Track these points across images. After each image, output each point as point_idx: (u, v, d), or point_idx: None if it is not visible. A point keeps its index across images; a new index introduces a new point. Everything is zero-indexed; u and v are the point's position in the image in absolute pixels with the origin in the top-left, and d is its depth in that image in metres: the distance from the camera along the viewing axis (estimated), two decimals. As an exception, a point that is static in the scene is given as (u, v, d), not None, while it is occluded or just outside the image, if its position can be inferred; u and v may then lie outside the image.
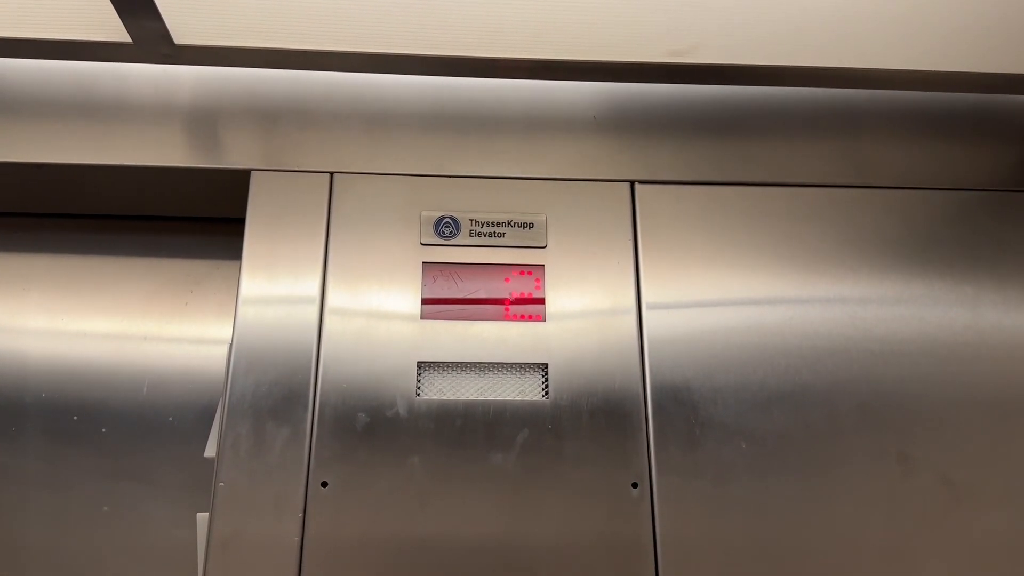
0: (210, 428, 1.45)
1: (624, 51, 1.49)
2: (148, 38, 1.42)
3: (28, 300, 1.71)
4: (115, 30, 1.41)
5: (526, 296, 1.48)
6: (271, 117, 1.58)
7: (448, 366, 1.43)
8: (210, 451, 1.40)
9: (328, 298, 1.45)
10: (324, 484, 1.34)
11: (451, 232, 1.51)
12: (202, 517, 1.37)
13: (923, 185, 1.63)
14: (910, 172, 1.64)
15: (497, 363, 1.44)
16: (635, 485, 1.37)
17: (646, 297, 1.49)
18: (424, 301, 1.46)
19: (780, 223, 1.57)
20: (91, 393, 1.66)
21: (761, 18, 1.43)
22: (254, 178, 1.53)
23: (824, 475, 1.41)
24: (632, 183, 1.58)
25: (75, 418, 1.62)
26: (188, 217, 1.77)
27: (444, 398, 1.41)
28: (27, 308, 1.71)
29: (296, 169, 1.54)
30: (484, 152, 1.58)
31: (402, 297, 1.46)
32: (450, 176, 1.56)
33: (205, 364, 1.71)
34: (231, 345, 1.41)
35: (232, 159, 1.54)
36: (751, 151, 1.62)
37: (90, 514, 1.60)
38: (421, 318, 1.45)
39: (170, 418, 1.64)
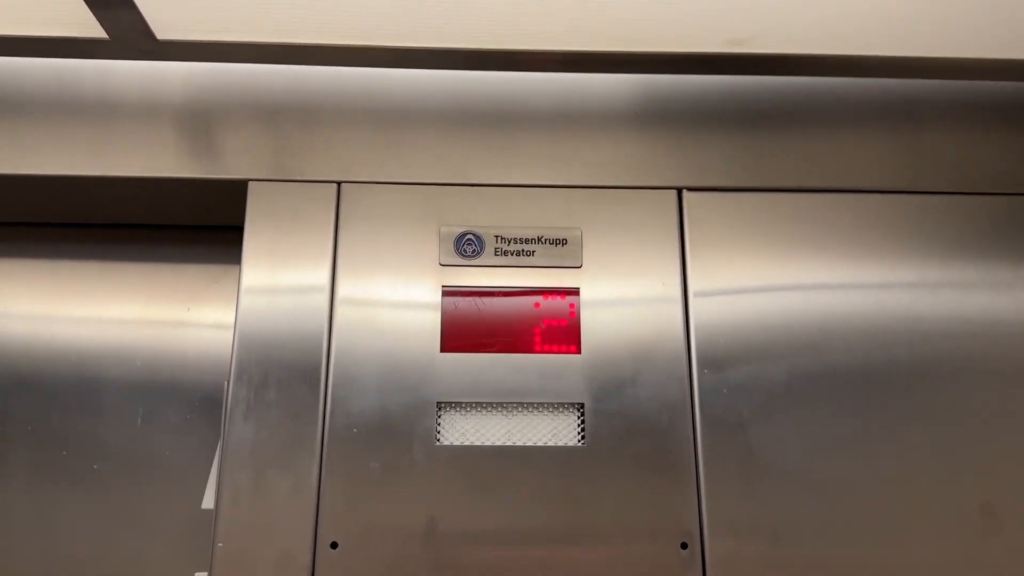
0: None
1: (673, 40, 1.28)
2: (126, 33, 1.24)
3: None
4: (89, 25, 1.23)
5: (559, 324, 1.31)
6: (270, 118, 1.40)
7: (471, 406, 1.27)
8: (207, 503, 1.26)
9: (336, 324, 1.29)
10: (334, 545, 1.19)
11: (474, 251, 1.33)
12: (200, 577, 1.24)
13: (1007, 190, 1.42)
14: (1004, 176, 1.42)
15: (526, 403, 1.27)
16: (684, 546, 1.21)
17: (696, 321, 1.31)
18: (444, 331, 1.29)
19: (851, 234, 1.37)
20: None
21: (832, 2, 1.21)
22: (252, 189, 1.36)
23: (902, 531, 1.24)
24: (679, 190, 1.38)
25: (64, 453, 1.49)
26: (184, 226, 1.60)
27: (467, 443, 1.25)
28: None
29: (299, 179, 1.36)
30: (510, 157, 1.39)
31: (420, 326, 1.29)
32: (472, 185, 1.37)
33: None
34: (227, 383, 1.26)
35: (227, 168, 1.37)
36: (817, 152, 1.41)
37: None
38: (441, 351, 1.28)
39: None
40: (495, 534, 1.21)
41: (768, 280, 1.34)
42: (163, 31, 1.25)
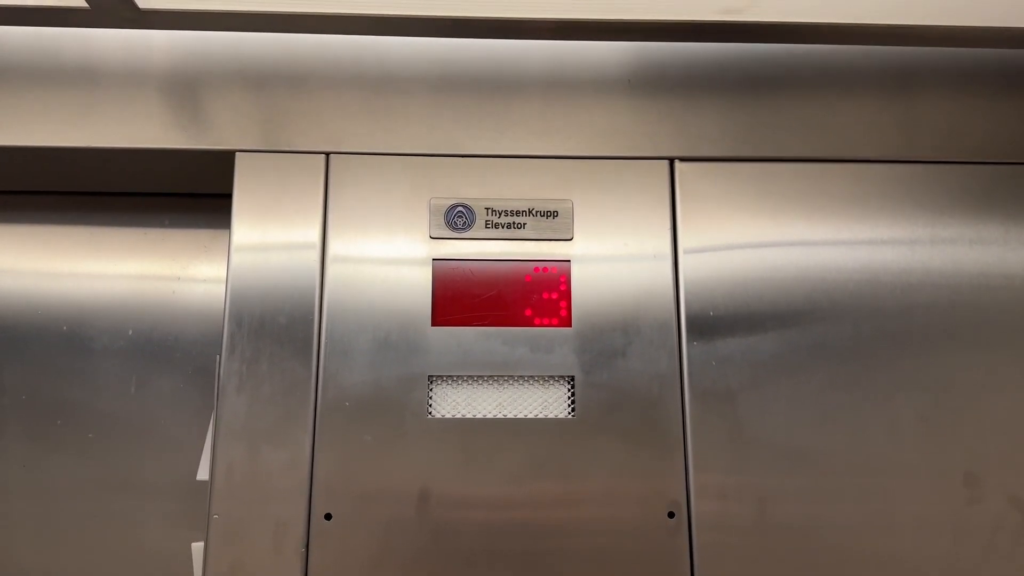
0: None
1: (668, 8, 1.25)
2: (106, 1, 1.21)
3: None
4: (67, -8, 1.20)
5: (550, 296, 1.31)
6: (257, 87, 1.37)
7: (462, 379, 1.28)
8: (203, 474, 1.28)
9: (328, 297, 1.28)
10: (328, 516, 1.21)
11: (464, 224, 1.32)
12: (197, 547, 1.26)
13: (1007, 159, 1.41)
14: (992, 144, 1.41)
15: (517, 375, 1.28)
16: (672, 514, 1.23)
17: (687, 293, 1.31)
18: (435, 304, 1.29)
19: (847, 206, 1.36)
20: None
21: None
22: (239, 160, 1.34)
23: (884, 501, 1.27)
24: (671, 160, 1.37)
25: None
26: (175, 193, 1.58)
27: (459, 416, 1.26)
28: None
29: (287, 150, 1.34)
30: (502, 126, 1.37)
31: (411, 300, 1.29)
32: (463, 155, 1.35)
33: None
34: (219, 357, 1.26)
35: (214, 138, 1.35)
36: (812, 121, 1.39)
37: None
38: (432, 324, 1.28)
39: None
40: (486, 505, 1.23)
41: (760, 252, 1.34)
42: (144, -1, 1.22)
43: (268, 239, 1.30)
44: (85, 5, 1.22)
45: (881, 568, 1.24)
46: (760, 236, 1.35)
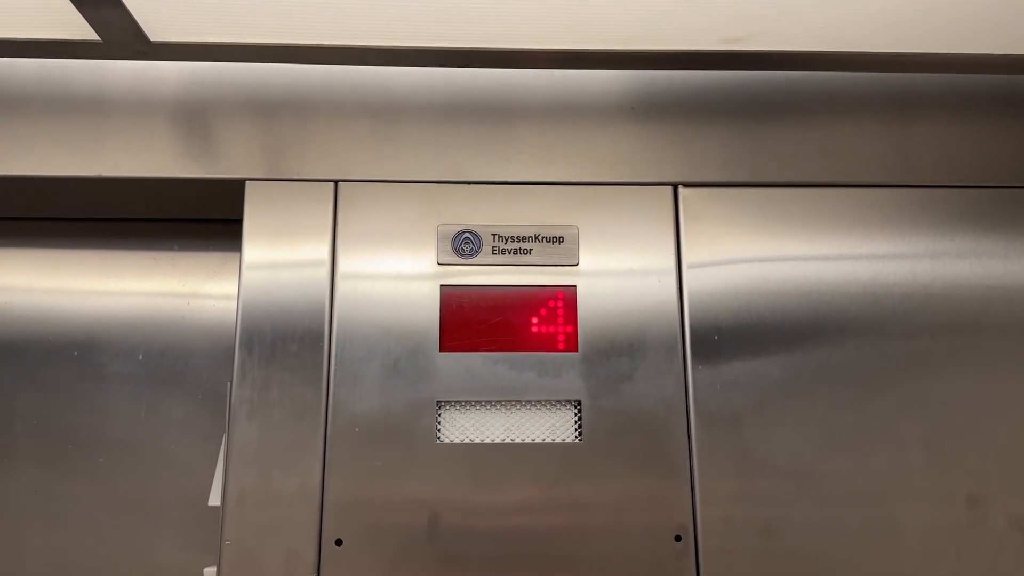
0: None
1: (669, 39, 1.27)
2: (118, 35, 1.23)
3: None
4: (80, 27, 1.22)
5: (556, 322, 1.32)
6: (267, 116, 1.39)
7: (470, 404, 1.29)
8: (214, 500, 1.29)
9: (336, 323, 1.30)
10: (339, 542, 1.23)
11: (471, 250, 1.34)
12: (209, 572, 1.27)
13: (1004, 183, 1.43)
14: (989, 169, 1.43)
15: (525, 400, 1.30)
16: (678, 538, 1.25)
17: (692, 319, 1.33)
18: (443, 330, 1.31)
19: (848, 230, 1.38)
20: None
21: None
22: (249, 189, 1.36)
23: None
24: (675, 186, 1.39)
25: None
26: (184, 219, 1.60)
27: (467, 441, 1.27)
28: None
29: (296, 178, 1.36)
30: (508, 154, 1.39)
31: (419, 326, 1.31)
32: (469, 182, 1.37)
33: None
34: (230, 384, 1.28)
35: (224, 167, 1.37)
36: (812, 147, 1.41)
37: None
38: (440, 350, 1.30)
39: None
40: (495, 529, 1.24)
41: (763, 276, 1.35)
42: (156, 33, 1.24)
43: (278, 266, 1.32)
44: (98, 39, 1.24)
45: None
46: (763, 260, 1.37)
